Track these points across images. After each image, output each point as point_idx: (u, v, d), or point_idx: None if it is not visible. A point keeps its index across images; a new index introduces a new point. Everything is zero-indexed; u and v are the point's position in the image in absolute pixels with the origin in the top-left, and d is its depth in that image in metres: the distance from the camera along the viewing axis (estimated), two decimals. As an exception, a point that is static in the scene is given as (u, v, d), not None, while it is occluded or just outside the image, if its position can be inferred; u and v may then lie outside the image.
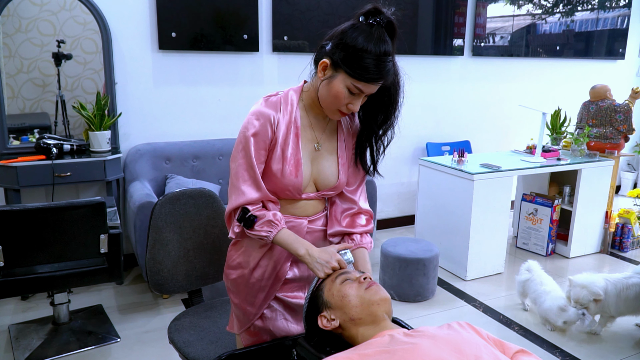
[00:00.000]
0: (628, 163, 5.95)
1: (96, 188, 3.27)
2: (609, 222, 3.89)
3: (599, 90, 4.18)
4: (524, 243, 3.95)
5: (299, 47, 3.64)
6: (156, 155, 3.25)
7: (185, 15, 3.24)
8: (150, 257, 1.74)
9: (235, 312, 1.51)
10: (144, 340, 2.58)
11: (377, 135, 1.42)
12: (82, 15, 3.02)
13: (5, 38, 2.91)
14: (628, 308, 2.66)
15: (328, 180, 1.43)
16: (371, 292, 1.23)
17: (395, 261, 3.04)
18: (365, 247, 1.48)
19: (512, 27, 4.52)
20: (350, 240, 1.47)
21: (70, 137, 3.10)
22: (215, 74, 3.47)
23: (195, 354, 1.63)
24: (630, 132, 4.13)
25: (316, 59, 1.35)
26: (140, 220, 2.73)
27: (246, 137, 1.33)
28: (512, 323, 2.86)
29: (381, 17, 1.26)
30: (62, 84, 3.04)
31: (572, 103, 4.61)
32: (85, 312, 2.80)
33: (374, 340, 1.15)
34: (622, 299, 2.64)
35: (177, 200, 1.76)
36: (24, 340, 2.53)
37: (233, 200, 1.34)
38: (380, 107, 1.37)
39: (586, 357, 2.53)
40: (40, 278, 2.27)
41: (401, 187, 4.38)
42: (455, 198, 3.37)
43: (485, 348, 1.09)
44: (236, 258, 1.45)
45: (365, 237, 1.49)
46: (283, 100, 1.38)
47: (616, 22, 5.13)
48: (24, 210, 2.09)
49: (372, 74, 1.25)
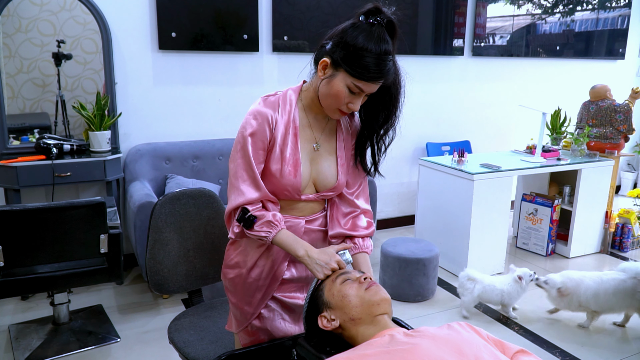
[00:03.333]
0: (628, 163, 5.94)
1: (96, 188, 3.27)
2: (609, 222, 3.89)
3: (599, 90, 4.18)
4: (524, 243, 3.95)
5: (299, 47, 3.64)
6: (156, 155, 3.25)
7: (185, 15, 3.23)
8: (150, 257, 1.74)
9: (233, 311, 1.51)
10: (144, 340, 2.58)
11: (379, 134, 1.42)
12: (82, 15, 3.02)
13: (5, 38, 2.91)
14: (608, 303, 2.71)
15: (327, 180, 1.42)
16: (371, 292, 1.23)
17: (395, 261, 3.04)
18: (366, 251, 1.48)
19: (512, 27, 4.52)
20: (352, 244, 1.47)
21: (70, 137, 3.10)
22: (215, 74, 3.47)
23: (195, 354, 1.63)
24: (630, 132, 4.13)
25: (316, 58, 1.35)
26: (140, 220, 2.73)
27: (244, 137, 1.33)
28: (512, 323, 2.86)
29: (381, 16, 1.26)
30: (62, 84, 3.04)
31: (572, 103, 4.61)
32: (85, 312, 2.80)
33: (374, 340, 1.15)
34: (601, 294, 2.69)
35: (177, 200, 1.76)
36: (24, 340, 2.53)
37: (232, 200, 1.34)
38: (381, 106, 1.37)
39: (586, 357, 2.53)
40: (40, 278, 2.27)
41: (401, 187, 4.38)
42: (455, 198, 3.37)
43: (485, 348, 1.09)
44: (234, 257, 1.45)
45: (367, 241, 1.49)
46: (281, 99, 1.37)
47: (616, 22, 5.13)
48: (24, 210, 2.09)
49: (373, 73, 1.25)
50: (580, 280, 2.74)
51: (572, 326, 2.85)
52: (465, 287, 2.85)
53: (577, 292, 2.73)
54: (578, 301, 2.74)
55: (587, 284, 2.72)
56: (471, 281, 2.83)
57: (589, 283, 2.72)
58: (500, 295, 2.81)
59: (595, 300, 2.71)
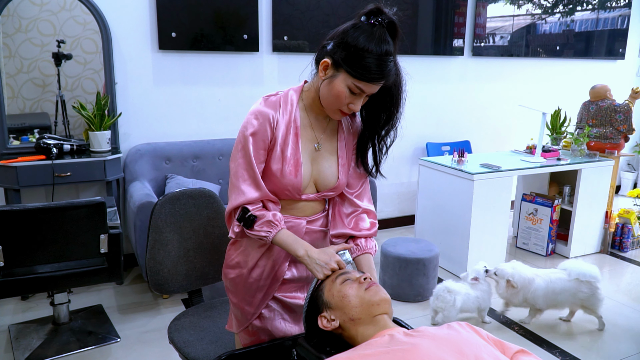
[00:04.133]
0: (628, 163, 5.95)
1: (96, 188, 3.27)
2: (609, 222, 3.89)
3: (599, 90, 4.18)
4: (524, 243, 3.95)
5: (299, 47, 3.64)
6: (156, 155, 3.25)
7: (185, 15, 3.24)
8: (150, 257, 1.74)
9: (233, 311, 1.51)
10: (144, 340, 2.58)
11: (380, 135, 1.42)
12: (82, 15, 3.02)
13: (5, 38, 2.91)
14: (554, 301, 2.75)
15: (328, 180, 1.42)
16: (371, 292, 1.23)
17: (395, 261, 3.04)
18: (370, 252, 1.47)
19: (512, 27, 4.52)
20: (355, 244, 1.47)
21: (70, 137, 3.10)
22: (215, 74, 3.47)
23: (195, 354, 1.63)
24: (630, 132, 4.13)
25: (317, 58, 1.35)
26: (140, 220, 2.73)
27: (245, 137, 1.33)
28: (512, 323, 2.86)
29: (383, 17, 1.26)
30: (62, 84, 3.04)
31: (572, 103, 4.61)
32: (85, 312, 2.80)
33: (374, 340, 1.15)
34: (549, 293, 2.73)
35: (177, 200, 1.76)
36: (24, 340, 2.53)
37: (233, 199, 1.34)
38: (383, 107, 1.37)
39: (586, 357, 2.53)
40: (40, 278, 2.27)
41: (401, 187, 4.38)
42: (455, 198, 3.37)
43: (485, 348, 1.09)
44: (235, 257, 1.45)
45: (370, 242, 1.49)
46: (283, 99, 1.37)
47: (616, 22, 5.13)
48: (24, 210, 2.09)
49: (374, 74, 1.25)
50: (532, 279, 2.74)
51: (572, 326, 2.85)
52: (446, 301, 2.64)
53: (526, 289, 2.74)
54: (524, 297, 2.75)
55: (538, 283, 2.73)
56: (450, 293, 2.66)
57: (539, 283, 2.73)
58: (476, 301, 2.74)
59: (544, 300, 2.74)
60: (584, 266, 2.74)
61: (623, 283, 3.47)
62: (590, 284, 2.70)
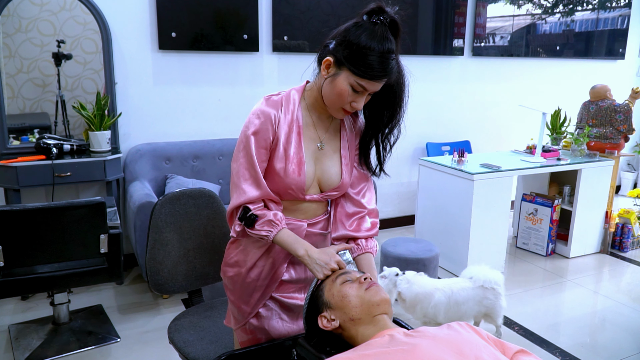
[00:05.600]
0: (628, 163, 5.95)
1: (96, 188, 3.27)
2: (609, 222, 3.89)
3: (599, 90, 4.18)
4: (524, 243, 3.95)
5: (299, 47, 3.64)
6: (156, 155, 3.25)
7: (185, 15, 3.23)
8: (150, 257, 1.73)
9: (231, 308, 1.52)
10: (144, 340, 2.58)
11: (384, 133, 1.42)
12: (82, 15, 3.02)
13: (5, 38, 2.91)
14: (457, 313, 2.55)
15: (331, 179, 1.42)
16: (371, 292, 1.23)
17: (395, 261, 3.04)
18: (370, 252, 1.47)
19: (512, 27, 4.52)
20: (355, 245, 1.47)
21: (70, 137, 3.09)
22: (215, 74, 3.47)
23: (195, 354, 1.63)
24: (630, 132, 4.13)
25: (319, 57, 1.35)
26: (140, 220, 2.73)
27: (247, 136, 1.33)
28: (512, 323, 2.86)
29: (384, 15, 1.26)
30: (62, 84, 3.04)
31: (572, 103, 4.61)
32: (85, 312, 2.80)
33: (374, 340, 1.15)
34: (452, 306, 2.54)
35: (177, 200, 1.76)
36: (24, 340, 2.52)
37: (234, 199, 1.35)
38: (386, 105, 1.37)
39: (586, 357, 2.53)
40: (40, 278, 2.27)
41: (401, 187, 4.38)
42: (455, 198, 3.37)
43: (485, 348, 1.09)
44: (234, 256, 1.46)
45: (371, 242, 1.49)
46: (285, 99, 1.38)
47: (616, 22, 5.13)
48: (24, 210, 2.09)
49: (376, 72, 1.25)
50: (431, 294, 2.53)
51: (572, 326, 2.85)
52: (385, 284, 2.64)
53: (425, 304, 2.54)
54: (423, 312, 2.55)
55: (438, 298, 2.52)
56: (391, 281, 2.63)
57: (439, 297, 2.52)
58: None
59: (445, 314, 2.53)
60: (489, 273, 2.58)
61: (623, 283, 3.47)
62: (494, 290, 2.55)
